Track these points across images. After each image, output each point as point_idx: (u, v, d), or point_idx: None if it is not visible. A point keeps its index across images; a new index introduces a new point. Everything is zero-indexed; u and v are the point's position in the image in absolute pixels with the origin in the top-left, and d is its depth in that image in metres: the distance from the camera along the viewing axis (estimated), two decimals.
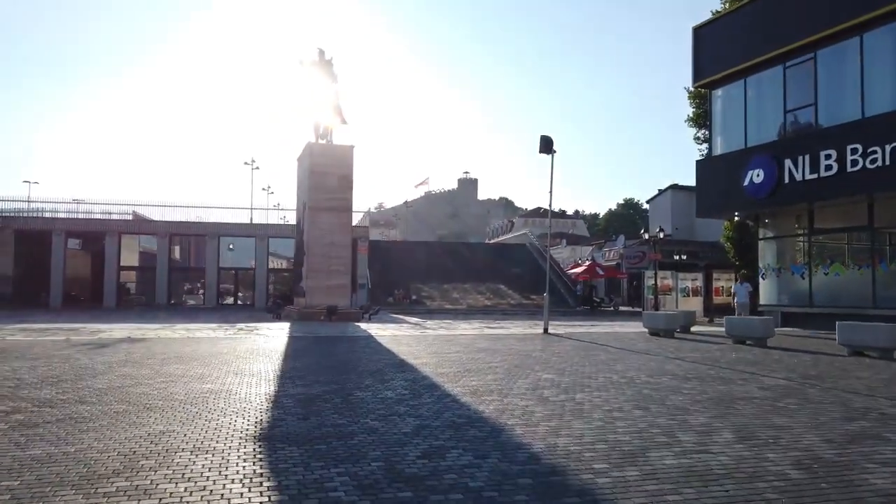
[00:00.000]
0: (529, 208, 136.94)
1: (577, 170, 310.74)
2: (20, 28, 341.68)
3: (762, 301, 21.94)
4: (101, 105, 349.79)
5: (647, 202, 56.52)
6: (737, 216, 23.33)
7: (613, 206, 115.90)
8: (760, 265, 22.56)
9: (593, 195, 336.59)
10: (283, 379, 8.53)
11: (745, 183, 20.65)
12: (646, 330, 18.03)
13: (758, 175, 20.25)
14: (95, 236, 36.29)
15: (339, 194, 23.98)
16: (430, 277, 40.83)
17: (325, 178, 23.77)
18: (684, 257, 38.27)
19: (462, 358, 11.34)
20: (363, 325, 20.17)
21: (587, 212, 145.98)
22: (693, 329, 19.06)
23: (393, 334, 16.91)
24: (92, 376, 8.49)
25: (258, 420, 5.84)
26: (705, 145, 35.74)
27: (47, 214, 36.21)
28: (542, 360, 11.07)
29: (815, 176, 18.47)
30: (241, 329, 18.09)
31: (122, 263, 37.26)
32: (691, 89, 35.75)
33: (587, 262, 43.97)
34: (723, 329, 18.78)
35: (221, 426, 5.52)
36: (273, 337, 15.51)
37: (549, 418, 6.07)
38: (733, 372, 9.86)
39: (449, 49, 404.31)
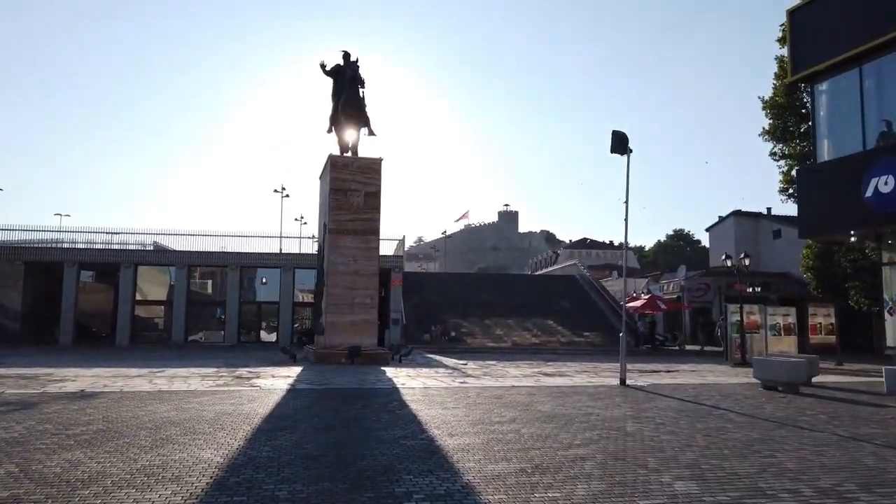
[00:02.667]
0: (572, 241, 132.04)
1: (617, 202, 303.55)
2: (72, 60, 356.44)
3: (889, 342, 17.39)
4: (141, 138, 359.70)
5: (707, 230, 51.85)
6: (852, 235, 18.92)
7: (662, 238, 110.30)
8: (885, 297, 18.03)
9: (637, 228, 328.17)
10: (216, 493, 4.83)
11: (868, 194, 16.34)
12: (755, 381, 13.86)
13: (885, 183, 15.93)
14: (111, 268, 33.53)
15: (366, 214, 20.43)
16: (471, 312, 36.94)
17: (349, 195, 20.30)
18: (759, 289, 33.70)
19: (522, 434, 7.49)
20: (390, 371, 16.42)
21: (632, 244, 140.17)
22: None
23: (424, 385, 13.12)
24: None
25: None
26: (783, 161, 31.40)
27: (65, 245, 33.68)
28: (648, 442, 7.14)
29: None
30: (237, 377, 14.51)
31: (148, 297, 34.44)
32: (766, 99, 31.55)
33: (645, 295, 39.60)
34: (847, 380, 14.56)
35: None
36: (267, 390, 11.87)
37: None
38: None
39: (485, 85, 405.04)
